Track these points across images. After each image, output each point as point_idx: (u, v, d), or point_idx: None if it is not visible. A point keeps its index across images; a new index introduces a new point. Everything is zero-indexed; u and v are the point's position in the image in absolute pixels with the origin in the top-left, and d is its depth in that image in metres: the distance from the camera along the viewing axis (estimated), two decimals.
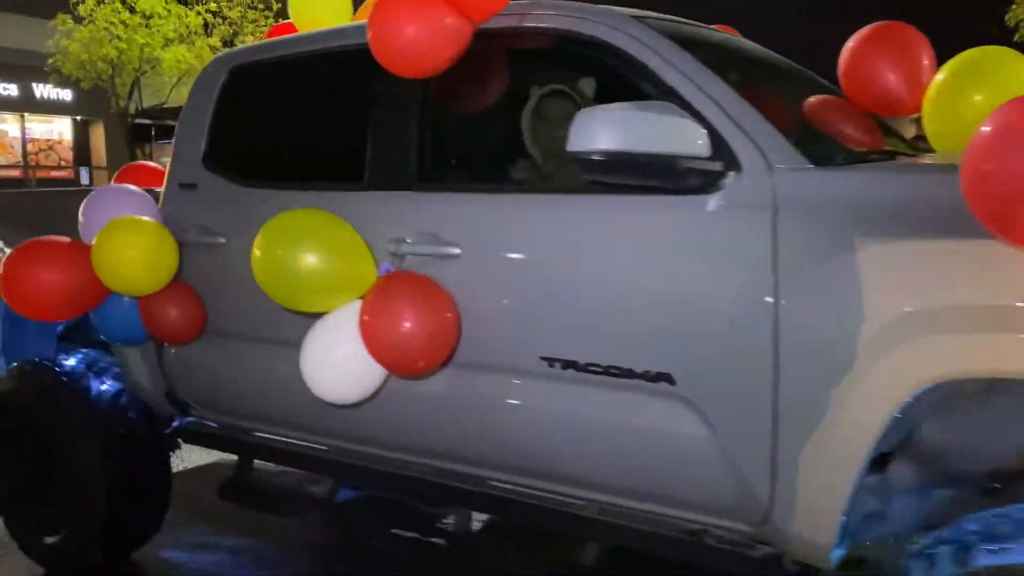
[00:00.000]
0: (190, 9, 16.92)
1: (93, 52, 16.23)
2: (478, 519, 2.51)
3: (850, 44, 2.09)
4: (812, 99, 2.01)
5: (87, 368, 2.64)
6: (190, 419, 2.54)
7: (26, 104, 19.80)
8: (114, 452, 2.53)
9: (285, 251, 1.77)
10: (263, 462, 2.52)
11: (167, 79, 17.57)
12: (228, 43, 17.84)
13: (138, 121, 19.31)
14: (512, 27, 1.88)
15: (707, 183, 1.57)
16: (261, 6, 17.78)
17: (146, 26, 16.41)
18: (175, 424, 2.63)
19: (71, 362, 2.65)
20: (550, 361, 1.75)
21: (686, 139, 1.52)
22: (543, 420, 1.79)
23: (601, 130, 1.49)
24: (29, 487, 2.67)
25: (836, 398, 1.40)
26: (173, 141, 2.50)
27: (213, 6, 17.29)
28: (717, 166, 1.56)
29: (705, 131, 1.54)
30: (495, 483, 1.92)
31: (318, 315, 1.85)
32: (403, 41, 1.83)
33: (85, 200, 2.30)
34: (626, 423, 1.68)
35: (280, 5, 18.33)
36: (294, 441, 2.29)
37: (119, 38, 16.20)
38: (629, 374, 1.65)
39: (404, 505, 2.33)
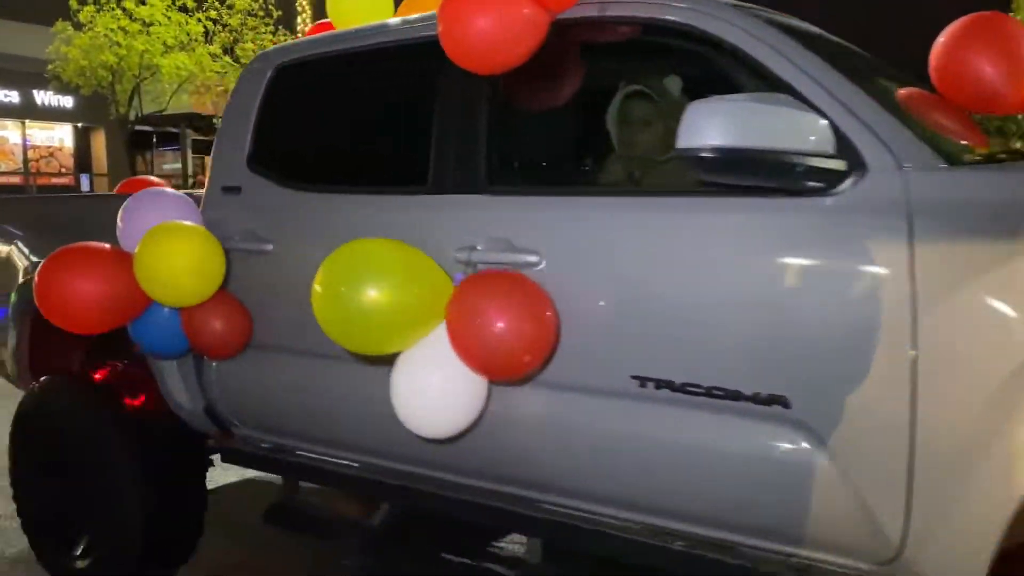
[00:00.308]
0: (190, 16, 16.85)
1: (93, 59, 16.15)
2: (529, 543, 2.37)
3: (944, 38, 1.96)
4: (912, 95, 1.88)
5: (119, 382, 2.50)
6: (231, 437, 2.39)
7: (27, 111, 19.69)
8: (148, 471, 2.38)
9: (357, 300, 1.55)
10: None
11: (167, 86, 17.50)
12: (228, 50, 17.79)
13: (138, 128, 19.21)
14: (594, 17, 1.74)
15: (827, 184, 1.44)
16: (261, 13, 17.74)
17: (146, 33, 16.33)
18: (213, 442, 2.49)
19: (103, 376, 2.51)
20: (642, 380, 1.61)
21: (808, 134, 1.39)
22: (632, 445, 1.64)
23: (714, 124, 1.35)
24: (59, 507, 2.52)
25: (988, 426, 1.26)
26: (215, 142, 2.35)
27: (213, 14, 17.24)
28: (840, 165, 1.42)
29: (828, 126, 1.41)
30: (572, 511, 1.78)
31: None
32: (476, 34, 1.69)
33: (124, 205, 2.16)
34: (730, 450, 1.53)
35: (280, 13, 18.30)
36: (345, 462, 2.14)
37: (119, 45, 16.12)
38: (735, 396, 1.51)
39: (454, 529, 2.20)
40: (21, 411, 2.59)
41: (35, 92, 19.28)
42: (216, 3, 17.29)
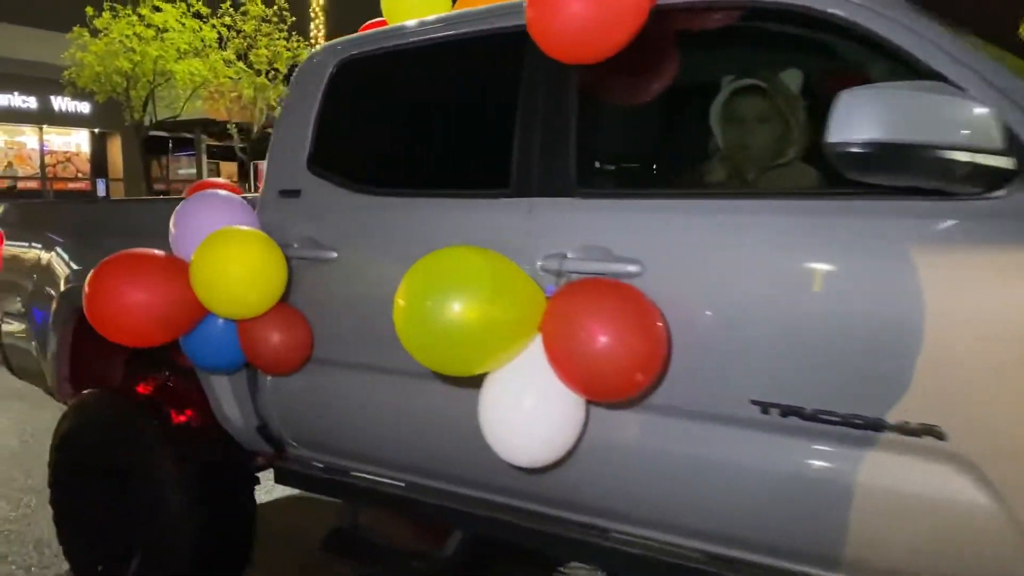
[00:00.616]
0: (204, 23, 16.85)
1: (107, 65, 16.16)
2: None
3: None
4: None
5: (164, 396, 2.36)
6: (285, 457, 2.24)
7: (44, 116, 19.75)
8: (194, 491, 2.24)
9: (446, 317, 1.40)
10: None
11: (181, 92, 17.51)
12: (242, 56, 17.78)
13: (153, 133, 19.22)
14: (700, 2, 1.59)
15: (988, 184, 1.27)
16: (275, 19, 17.74)
17: (160, 39, 16.33)
18: (264, 461, 2.34)
19: (146, 390, 2.37)
20: (764, 406, 1.44)
21: (972, 129, 1.23)
22: (751, 479, 1.48)
23: (872, 116, 1.19)
24: (101, 528, 2.38)
25: None
26: (271, 142, 2.21)
27: (228, 20, 17.23)
28: (1008, 163, 1.26)
29: (995, 119, 1.25)
30: (680, 548, 1.62)
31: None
32: (569, 20, 1.54)
33: (177, 209, 2.02)
34: (869, 487, 1.36)
35: (295, 19, 18.30)
36: (400, 483, 1.98)
37: (133, 51, 16.13)
38: (877, 426, 1.34)
39: (528, 558, 2.03)
40: (64, 425, 2.46)
41: (52, 98, 19.35)
42: (230, 9, 17.29)
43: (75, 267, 2.47)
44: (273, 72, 18.19)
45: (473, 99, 1.92)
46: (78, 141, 20.85)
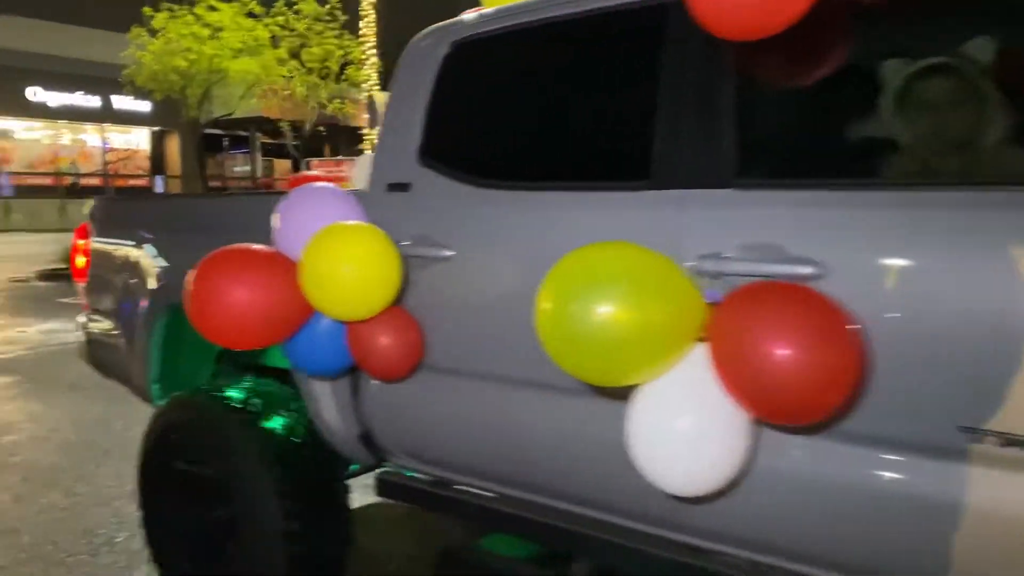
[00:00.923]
0: (259, 22, 17.08)
1: (165, 63, 16.51)
2: None
3: None
4: None
5: (259, 401, 2.24)
6: (387, 467, 2.10)
7: (106, 115, 20.32)
8: (290, 500, 2.11)
9: (599, 318, 1.25)
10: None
11: (235, 90, 17.80)
12: (295, 55, 17.97)
13: (209, 131, 19.60)
14: None
15: None
16: (328, 18, 17.87)
17: (216, 38, 16.61)
18: (359, 470, 2.22)
19: (240, 393, 2.26)
20: (974, 433, 1.23)
21: None
22: (958, 519, 1.27)
23: None
24: (191, 530, 2.28)
25: None
26: (378, 133, 2.07)
27: (281, 19, 17.43)
28: None
29: None
30: None
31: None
32: None
33: (280, 203, 1.89)
34: None
35: (347, 17, 18.40)
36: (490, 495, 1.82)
37: (189, 50, 16.44)
38: None
39: None
40: (155, 426, 2.37)
41: (113, 97, 19.88)
42: (283, 8, 17.49)
43: (167, 264, 2.38)
44: (325, 70, 18.35)
45: (609, 81, 1.74)
46: (138, 139, 21.41)
